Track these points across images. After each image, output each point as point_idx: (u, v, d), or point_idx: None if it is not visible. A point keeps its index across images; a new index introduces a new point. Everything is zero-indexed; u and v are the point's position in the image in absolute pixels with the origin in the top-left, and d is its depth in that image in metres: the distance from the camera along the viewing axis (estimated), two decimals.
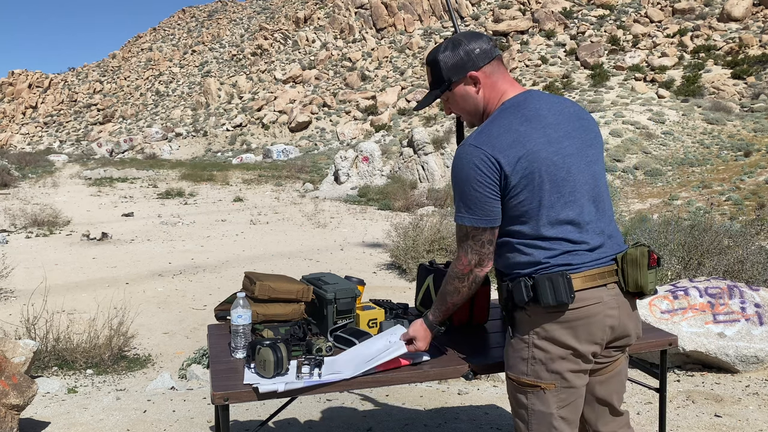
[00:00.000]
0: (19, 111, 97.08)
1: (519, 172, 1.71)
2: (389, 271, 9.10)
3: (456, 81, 1.83)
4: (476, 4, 70.81)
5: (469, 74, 1.81)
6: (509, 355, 1.86)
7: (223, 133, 57.82)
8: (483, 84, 1.82)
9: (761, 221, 12.08)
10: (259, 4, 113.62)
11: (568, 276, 1.73)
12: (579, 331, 1.77)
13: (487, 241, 1.78)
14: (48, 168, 28.00)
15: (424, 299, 2.57)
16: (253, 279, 2.47)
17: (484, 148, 1.71)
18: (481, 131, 1.76)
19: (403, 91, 55.07)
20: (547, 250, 1.76)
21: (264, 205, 17.57)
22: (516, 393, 1.84)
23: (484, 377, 4.50)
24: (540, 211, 1.75)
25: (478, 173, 1.71)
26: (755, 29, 46.92)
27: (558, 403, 1.79)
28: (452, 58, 1.81)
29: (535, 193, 1.73)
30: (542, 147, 1.73)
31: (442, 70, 1.83)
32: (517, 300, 1.77)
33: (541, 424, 1.80)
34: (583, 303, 1.75)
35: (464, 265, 1.81)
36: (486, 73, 1.81)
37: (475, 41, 1.81)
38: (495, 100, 1.83)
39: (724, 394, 3.83)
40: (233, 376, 1.97)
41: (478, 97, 1.83)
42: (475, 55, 1.80)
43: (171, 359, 5.43)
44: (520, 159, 1.70)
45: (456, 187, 1.77)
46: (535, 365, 1.79)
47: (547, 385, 1.78)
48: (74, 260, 9.71)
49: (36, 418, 3.59)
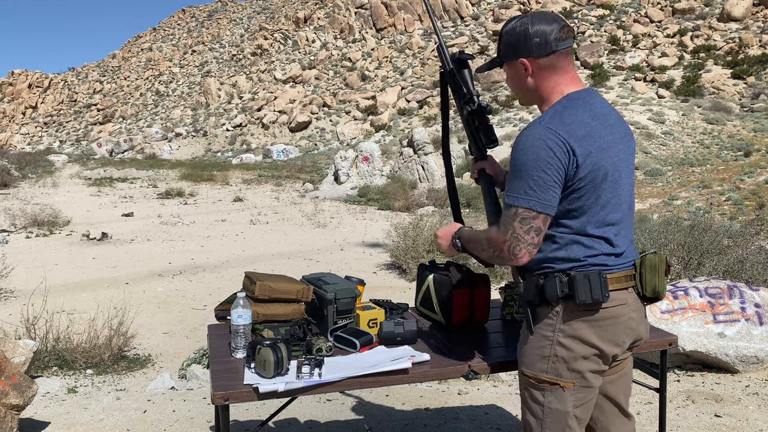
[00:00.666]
0: (19, 111, 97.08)
1: (588, 166, 1.70)
2: (389, 271, 9.10)
3: (507, 62, 1.84)
4: (476, 4, 70.80)
5: (520, 60, 1.80)
6: (527, 352, 1.84)
7: (223, 133, 57.81)
8: (534, 73, 1.80)
9: (761, 221, 12.08)
10: (259, 4, 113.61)
11: (604, 275, 1.75)
12: (605, 331, 1.79)
13: (536, 228, 1.70)
14: (48, 168, 28.00)
15: (424, 299, 2.57)
16: (253, 279, 2.47)
17: (560, 133, 1.68)
18: (554, 116, 1.73)
19: (403, 91, 55.05)
20: (588, 248, 1.76)
21: (264, 205, 17.56)
22: (531, 390, 1.83)
23: (484, 377, 4.50)
24: (594, 209, 1.75)
25: (550, 156, 1.67)
26: (755, 29, 46.91)
27: (574, 402, 1.80)
28: (511, 38, 1.81)
29: (594, 190, 1.73)
30: (609, 146, 1.75)
31: (501, 45, 1.84)
32: (549, 295, 1.75)
33: (556, 423, 1.80)
34: (612, 303, 1.77)
35: (499, 242, 1.73)
36: (540, 65, 1.78)
37: (541, 28, 1.76)
38: (551, 91, 1.80)
39: (724, 394, 3.83)
40: (233, 376, 1.97)
41: (529, 83, 1.82)
42: (533, 44, 1.77)
43: (171, 359, 5.43)
44: (591, 153, 1.71)
45: (519, 166, 1.71)
46: (556, 363, 1.78)
47: (567, 384, 1.78)
48: (74, 260, 9.71)
49: (36, 418, 3.59)
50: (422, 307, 2.59)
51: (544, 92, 1.81)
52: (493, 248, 1.75)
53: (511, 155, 1.75)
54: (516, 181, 1.71)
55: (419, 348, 2.19)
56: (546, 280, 1.77)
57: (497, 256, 1.76)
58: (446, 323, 2.44)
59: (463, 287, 2.40)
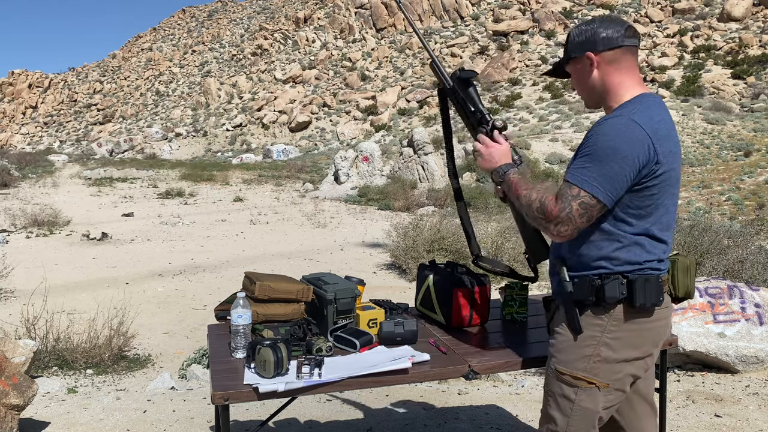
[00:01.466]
0: (19, 111, 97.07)
1: (665, 166, 1.71)
2: (389, 271, 9.10)
3: (574, 57, 1.84)
4: (476, 4, 70.80)
5: (587, 54, 1.81)
6: (565, 350, 1.82)
7: (223, 133, 57.82)
8: (599, 68, 1.80)
9: (761, 221, 12.08)
10: (259, 4, 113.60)
11: (660, 279, 1.78)
12: (654, 334, 1.81)
13: (589, 216, 1.69)
14: (48, 168, 28.00)
15: (424, 299, 2.57)
16: (253, 279, 2.47)
17: (646, 129, 1.68)
18: (641, 111, 1.73)
19: (403, 91, 55.05)
20: (648, 252, 1.77)
21: (264, 205, 17.57)
22: (563, 385, 1.82)
23: (484, 377, 4.50)
24: (661, 210, 1.75)
25: (630, 150, 1.66)
26: (755, 29, 46.91)
27: (605, 404, 1.80)
28: (578, 36, 1.83)
29: (666, 191, 1.74)
30: (678, 149, 1.78)
31: (569, 43, 1.86)
32: (609, 297, 1.74)
33: (583, 421, 1.80)
34: (662, 307, 1.81)
35: (552, 213, 1.70)
36: (605, 59, 1.79)
37: (607, 27, 1.80)
38: (618, 86, 1.80)
39: (724, 394, 3.83)
40: (233, 376, 1.97)
41: (594, 79, 1.82)
42: (599, 39, 1.79)
43: (171, 359, 5.43)
44: (671, 152, 1.72)
45: (595, 151, 1.69)
46: (597, 363, 1.78)
47: (603, 384, 1.78)
48: (74, 260, 9.71)
49: (36, 418, 3.59)
50: (422, 307, 2.59)
51: (611, 87, 1.81)
52: (543, 214, 1.72)
53: (588, 136, 1.73)
54: (588, 163, 1.69)
55: (419, 348, 2.19)
56: (606, 281, 1.75)
57: (540, 220, 1.74)
58: (446, 323, 2.44)
59: (463, 287, 2.40)
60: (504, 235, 9.04)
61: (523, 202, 1.79)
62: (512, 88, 47.70)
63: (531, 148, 22.84)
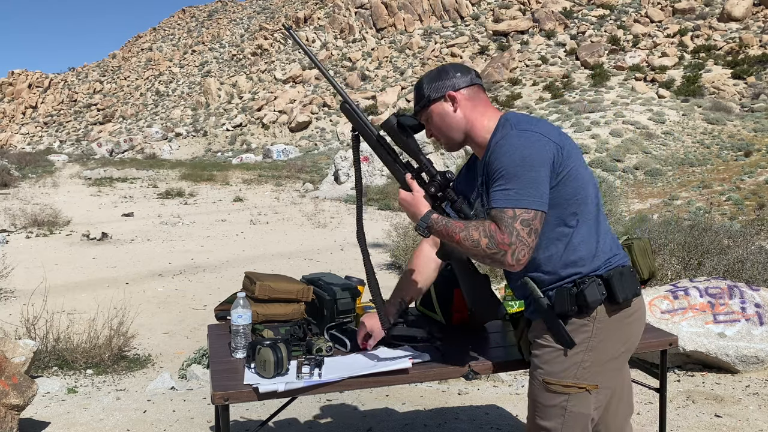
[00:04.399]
0: (19, 111, 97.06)
1: (567, 149, 1.73)
2: (389, 271, 9.10)
3: (434, 99, 1.85)
4: (476, 4, 70.79)
5: (448, 94, 1.84)
6: (552, 361, 1.79)
7: (223, 133, 57.81)
8: (461, 105, 1.84)
9: (761, 221, 12.08)
10: (259, 4, 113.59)
11: (630, 268, 1.78)
12: (633, 326, 1.82)
13: (534, 230, 1.66)
14: (48, 168, 27.98)
15: (424, 299, 2.56)
16: (253, 279, 2.47)
17: (536, 131, 1.72)
18: (519, 122, 1.76)
19: (403, 91, 55.04)
20: (605, 243, 1.78)
21: (264, 205, 17.56)
22: (552, 395, 1.79)
23: (484, 377, 4.50)
24: (587, 197, 1.77)
25: (536, 153, 1.68)
26: (755, 29, 46.90)
27: (596, 404, 1.80)
28: (434, 80, 1.86)
29: (579, 175, 1.75)
30: (563, 134, 1.81)
31: (424, 89, 1.87)
32: (591, 301, 1.72)
33: (576, 426, 1.79)
34: (637, 295, 1.82)
35: (503, 244, 1.63)
36: (465, 96, 1.84)
37: (457, 69, 1.87)
38: (482, 119, 1.84)
39: (724, 394, 3.83)
40: (233, 376, 1.97)
41: (457, 117, 1.84)
42: (456, 78, 1.85)
43: (171, 359, 5.43)
44: (560, 137, 1.75)
45: (508, 171, 1.67)
46: (586, 368, 1.77)
47: (593, 387, 1.78)
48: (74, 260, 9.71)
49: (36, 418, 3.58)
50: (422, 307, 2.59)
51: (476, 120, 1.84)
52: (495, 247, 1.63)
53: (490, 164, 1.73)
54: (506, 184, 1.67)
55: (419, 348, 2.19)
56: (583, 286, 1.73)
57: (493, 254, 1.64)
58: (446, 323, 2.44)
59: None
60: None
61: (466, 245, 1.68)
62: (512, 88, 47.70)
63: None
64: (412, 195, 1.84)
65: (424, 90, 1.87)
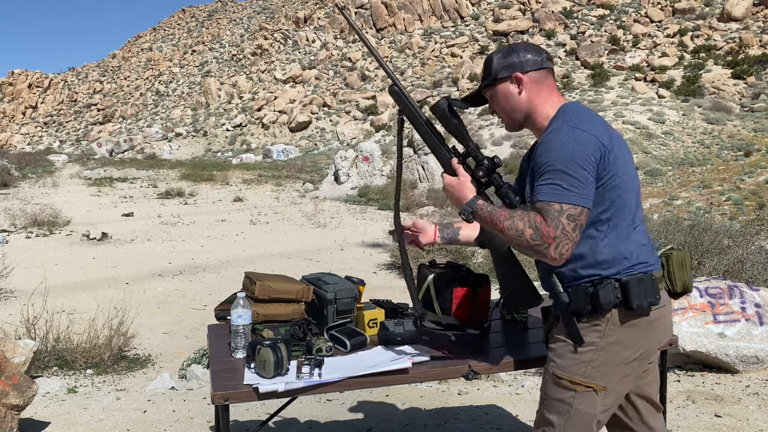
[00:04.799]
0: (19, 111, 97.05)
1: (614, 153, 1.73)
2: (389, 271, 9.10)
3: (500, 79, 1.86)
4: (476, 4, 70.79)
5: (515, 75, 1.85)
6: (564, 354, 1.82)
7: (223, 133, 57.81)
8: (526, 88, 1.85)
9: (761, 221, 12.08)
10: (259, 4, 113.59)
11: (654, 276, 1.78)
12: (653, 332, 1.82)
13: (579, 226, 1.67)
14: (48, 168, 27.97)
15: (424, 299, 2.56)
16: (253, 279, 2.47)
17: (586, 130, 1.72)
18: (575, 117, 1.77)
19: None
20: (632, 249, 1.78)
21: (264, 205, 17.56)
22: (560, 389, 1.82)
23: (484, 377, 4.50)
24: (625, 203, 1.77)
25: (585, 152, 1.69)
26: (755, 29, 46.90)
27: (602, 407, 1.81)
28: (503, 59, 1.87)
29: (624, 183, 1.75)
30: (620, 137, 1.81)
31: (493, 66, 1.88)
32: (604, 303, 1.74)
33: (581, 425, 1.80)
34: (660, 304, 1.81)
35: (548, 236, 1.64)
36: (531, 79, 1.85)
37: (529, 50, 1.87)
38: (543, 106, 1.85)
39: (724, 394, 3.83)
40: (233, 376, 1.97)
41: (520, 99, 1.86)
42: (525, 60, 1.85)
43: (171, 359, 5.43)
44: (613, 142, 1.75)
45: (556, 166, 1.69)
46: (596, 368, 1.78)
47: (600, 388, 1.78)
48: (74, 260, 9.71)
49: (36, 418, 3.58)
50: (422, 308, 2.59)
51: (537, 105, 1.86)
52: (539, 239, 1.65)
53: (539, 155, 1.75)
54: (553, 178, 1.68)
55: (419, 348, 2.19)
56: (599, 287, 1.75)
57: (537, 246, 1.66)
58: (446, 323, 2.43)
59: (463, 287, 2.39)
60: None
61: (509, 234, 1.70)
62: None
63: None
64: (458, 180, 1.86)
65: (492, 68, 1.88)
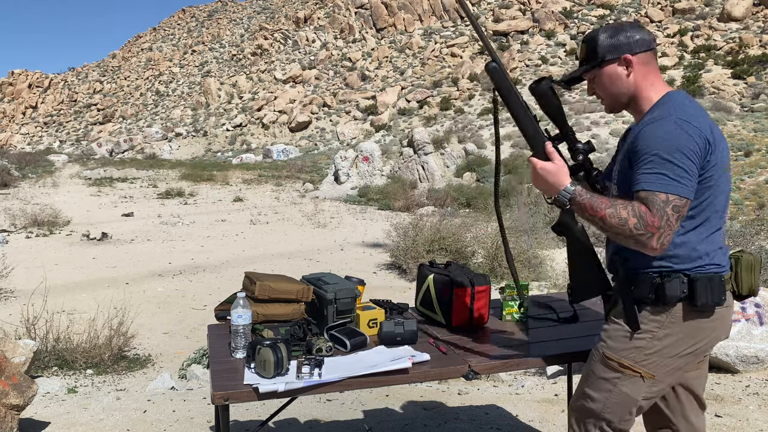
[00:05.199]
0: (19, 111, 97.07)
1: (716, 154, 1.71)
2: (389, 271, 9.10)
3: (609, 60, 1.81)
4: (476, 4, 70.81)
5: (624, 57, 1.79)
6: (618, 337, 1.81)
7: (223, 133, 57.83)
8: (636, 70, 1.80)
9: (761, 221, 12.08)
10: (259, 4, 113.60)
11: (723, 278, 1.77)
12: (712, 331, 1.81)
13: (680, 217, 1.66)
14: (48, 168, 27.98)
15: (424, 299, 2.56)
16: (253, 279, 2.47)
17: (694, 123, 1.68)
18: (682, 108, 1.73)
19: (403, 91, 55.06)
20: (708, 248, 1.76)
21: (264, 205, 17.57)
22: (607, 369, 1.82)
23: (484, 377, 4.50)
24: (714, 200, 1.74)
25: (692, 145, 1.66)
26: (755, 29, 46.92)
27: (645, 394, 1.81)
28: (611, 39, 1.80)
29: (717, 181, 1.73)
30: (723, 137, 1.78)
31: (598, 47, 1.81)
32: (669, 296, 1.73)
33: (621, 407, 1.81)
34: (725, 305, 1.80)
35: (653, 226, 1.63)
36: (640, 61, 1.80)
37: (637, 30, 1.82)
38: (648, 90, 1.81)
39: (724, 394, 3.83)
40: (233, 376, 1.97)
41: (627, 82, 1.81)
42: (634, 41, 1.79)
43: (171, 359, 5.43)
44: (716, 140, 1.72)
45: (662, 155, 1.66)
46: (648, 356, 1.78)
47: (649, 376, 1.78)
48: (74, 260, 9.71)
49: (36, 418, 3.59)
50: (422, 307, 2.59)
51: (643, 89, 1.81)
52: (643, 229, 1.63)
53: (639, 142, 1.71)
54: (659, 168, 1.65)
55: (419, 348, 2.19)
56: (666, 279, 1.74)
57: (638, 236, 1.64)
58: (446, 323, 2.44)
59: (463, 287, 2.39)
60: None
61: (611, 222, 1.67)
62: None
63: None
64: (555, 164, 1.80)
65: (598, 49, 1.81)
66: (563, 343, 2.28)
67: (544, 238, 10.42)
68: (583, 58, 1.87)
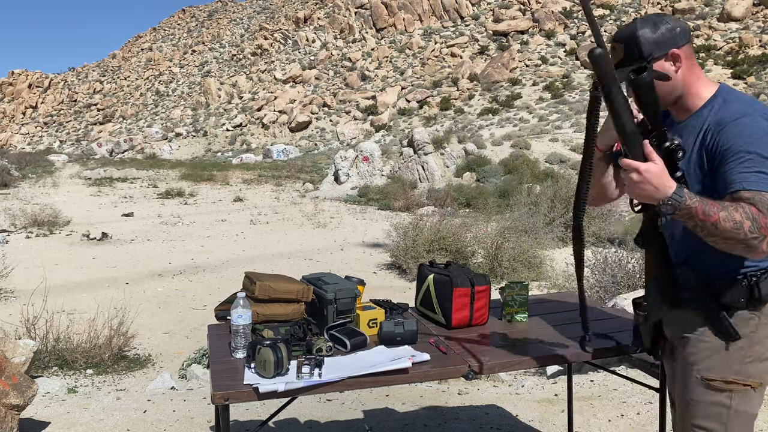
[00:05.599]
0: (19, 111, 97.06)
1: None
2: (389, 271, 9.10)
3: (657, 57, 1.66)
4: (476, 4, 70.80)
5: (672, 52, 1.66)
6: (711, 356, 1.67)
7: (223, 133, 57.83)
8: (684, 64, 1.67)
9: None
10: (259, 4, 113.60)
11: None
12: None
13: None
14: (48, 168, 27.97)
15: (424, 299, 2.57)
16: (253, 279, 2.47)
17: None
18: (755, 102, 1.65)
19: (403, 91, 55.05)
20: None
21: (264, 205, 17.57)
22: (714, 392, 1.67)
23: (484, 377, 4.50)
24: None
25: None
26: (755, 29, 46.94)
27: (759, 403, 1.70)
28: (653, 34, 1.66)
29: None
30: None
31: (642, 45, 1.65)
32: (765, 294, 1.63)
33: (743, 427, 1.67)
34: None
35: (766, 228, 1.50)
36: (686, 54, 1.67)
37: (675, 21, 1.70)
38: (698, 84, 1.70)
39: None
40: (233, 376, 1.97)
41: (677, 78, 1.68)
42: (677, 34, 1.67)
43: (171, 359, 5.43)
44: None
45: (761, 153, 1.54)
46: (750, 363, 1.65)
47: (757, 384, 1.67)
48: (74, 260, 9.71)
49: (36, 418, 3.59)
50: (422, 307, 2.59)
51: (692, 84, 1.70)
52: (757, 232, 1.50)
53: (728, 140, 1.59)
54: (761, 167, 1.54)
55: (419, 348, 2.19)
56: (761, 278, 1.63)
57: (751, 240, 1.50)
58: (446, 323, 2.44)
59: (463, 287, 2.40)
60: (504, 235, 9.04)
61: (725, 226, 1.51)
62: (512, 88, 47.72)
63: (531, 148, 22.83)
64: (657, 165, 1.56)
65: (642, 46, 1.65)
66: (563, 343, 2.28)
67: (544, 238, 10.43)
68: (622, 60, 1.69)
